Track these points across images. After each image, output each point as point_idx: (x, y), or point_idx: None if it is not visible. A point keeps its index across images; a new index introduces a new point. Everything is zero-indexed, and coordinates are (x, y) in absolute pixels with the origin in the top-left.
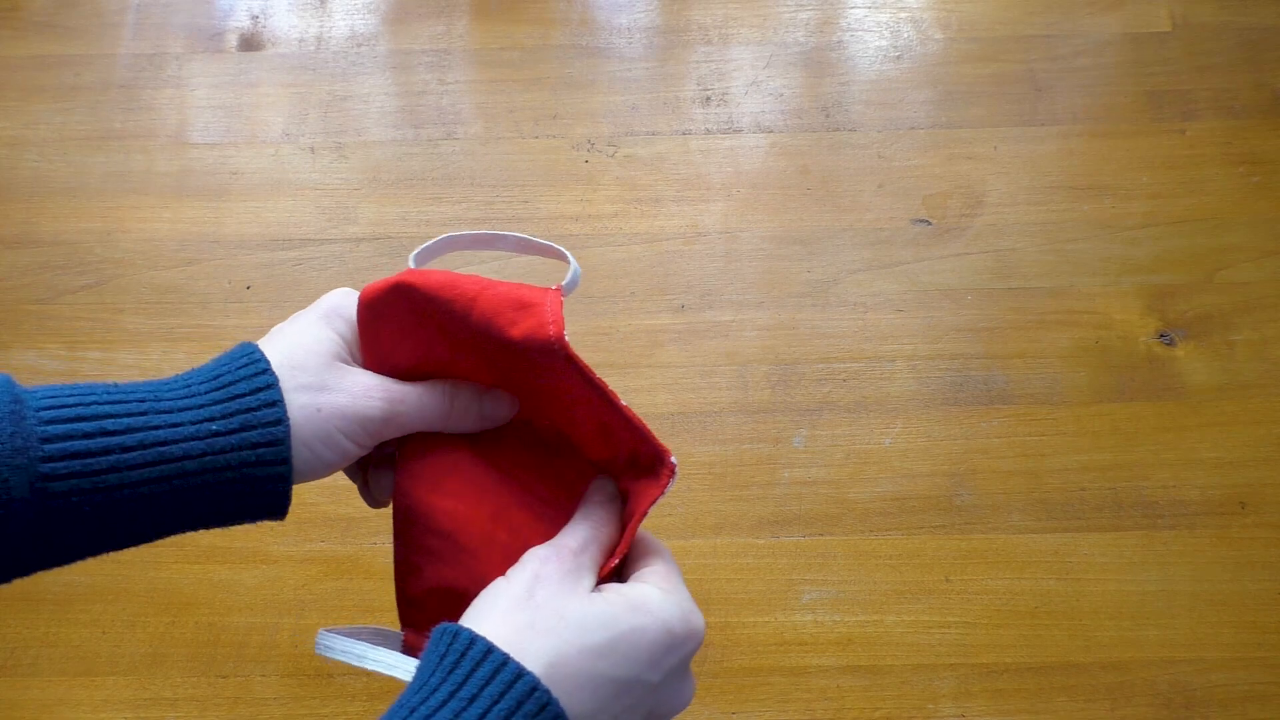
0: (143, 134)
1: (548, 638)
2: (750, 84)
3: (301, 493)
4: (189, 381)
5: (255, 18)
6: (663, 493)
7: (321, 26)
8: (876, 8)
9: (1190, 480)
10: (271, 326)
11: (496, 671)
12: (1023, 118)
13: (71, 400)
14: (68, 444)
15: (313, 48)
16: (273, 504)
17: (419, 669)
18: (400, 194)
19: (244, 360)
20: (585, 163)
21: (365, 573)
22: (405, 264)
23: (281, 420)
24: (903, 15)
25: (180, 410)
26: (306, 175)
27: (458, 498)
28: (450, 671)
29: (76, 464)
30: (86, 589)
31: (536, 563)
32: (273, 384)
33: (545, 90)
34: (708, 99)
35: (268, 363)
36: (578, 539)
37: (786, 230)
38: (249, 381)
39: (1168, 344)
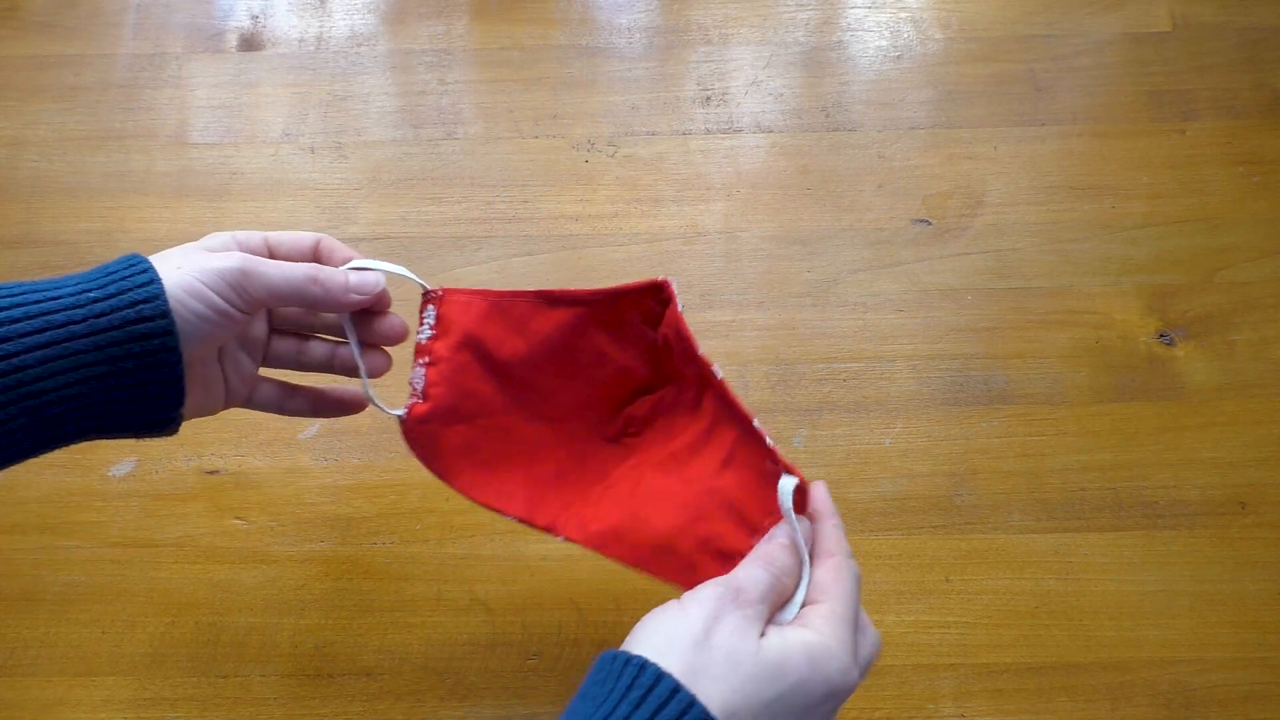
0: (143, 134)
1: (720, 684)
2: (750, 84)
3: (302, 493)
4: (70, 278)
5: (255, 18)
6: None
7: (321, 26)
8: (876, 8)
9: (1190, 480)
10: None
11: (684, 711)
12: (1023, 118)
13: None
14: None
15: (313, 48)
16: (165, 370)
17: (595, 690)
18: (400, 194)
19: (120, 257)
20: (585, 163)
21: (365, 573)
22: (405, 264)
23: (154, 281)
24: (903, 15)
25: (60, 288)
26: (306, 175)
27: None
28: (638, 705)
29: None
30: (86, 589)
31: (714, 603)
32: (143, 260)
33: (545, 90)
34: (708, 99)
35: (137, 254)
36: (759, 588)
37: (786, 230)
38: (121, 261)
39: (1168, 344)
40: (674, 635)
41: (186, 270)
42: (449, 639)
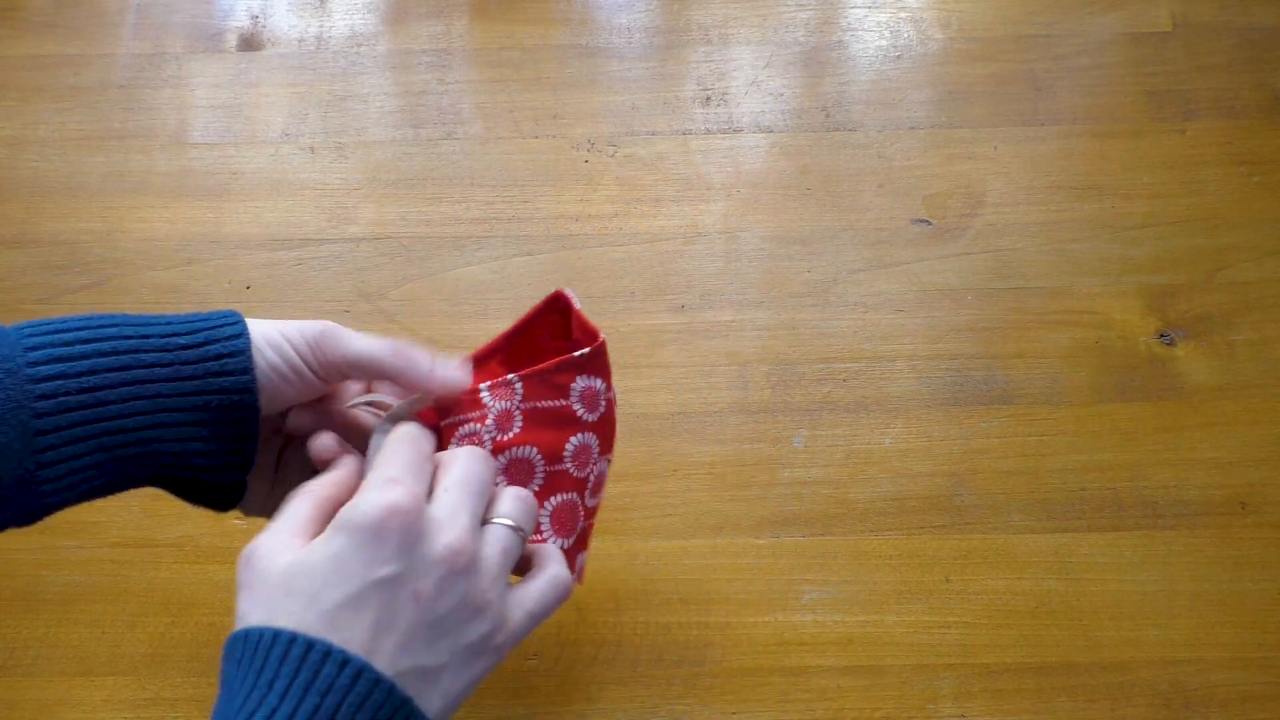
0: (143, 134)
1: (284, 601)
2: (750, 84)
3: None
4: (161, 318)
5: (255, 18)
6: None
7: (321, 26)
8: (876, 8)
9: (1190, 480)
10: None
11: (286, 651)
12: (1023, 118)
13: (52, 325)
14: (51, 350)
15: (313, 48)
16: (240, 425)
17: (230, 685)
18: (400, 194)
19: (216, 311)
20: (585, 163)
21: None
22: (405, 264)
23: (243, 334)
24: (903, 15)
25: (150, 324)
26: (306, 175)
27: None
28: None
29: (60, 366)
30: (86, 589)
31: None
32: (236, 314)
33: (545, 90)
34: (708, 99)
35: (235, 311)
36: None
37: (786, 230)
38: (216, 313)
39: (1168, 344)
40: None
41: (272, 323)
42: None
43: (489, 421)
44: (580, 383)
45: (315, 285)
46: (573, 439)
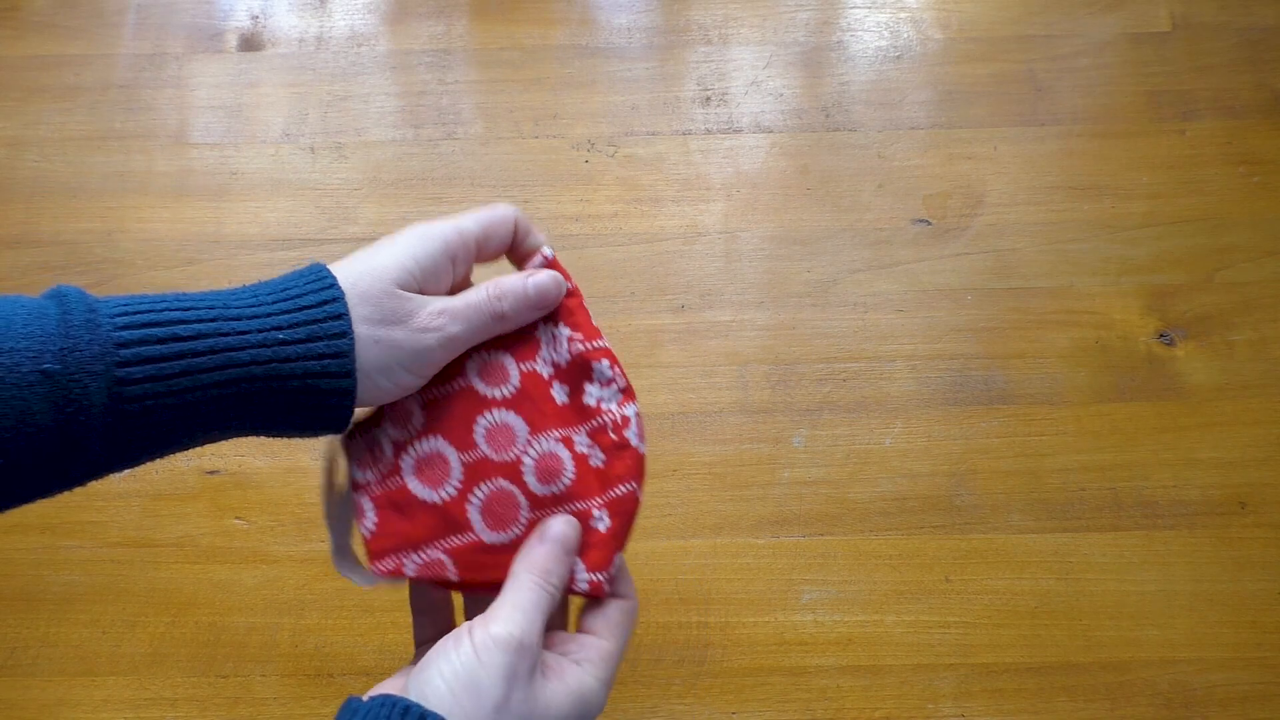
0: (143, 134)
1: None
2: (750, 84)
3: (302, 493)
4: (256, 293)
5: (255, 18)
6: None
7: (321, 26)
8: (876, 8)
9: (1190, 480)
10: None
11: None
12: (1023, 118)
13: (144, 308)
14: (142, 349)
15: (313, 48)
16: (334, 418)
17: None
18: (400, 194)
19: (312, 277)
20: (585, 163)
21: None
22: None
23: (346, 334)
24: (903, 15)
25: (249, 318)
26: (306, 175)
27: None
28: None
29: (150, 368)
30: (86, 589)
31: (509, 664)
32: (339, 298)
33: (545, 90)
34: (708, 99)
35: (334, 279)
36: (538, 628)
37: (786, 230)
38: (316, 295)
39: (1168, 344)
40: (476, 702)
41: (384, 348)
42: None
43: (384, 425)
44: (474, 361)
45: None
46: (480, 421)
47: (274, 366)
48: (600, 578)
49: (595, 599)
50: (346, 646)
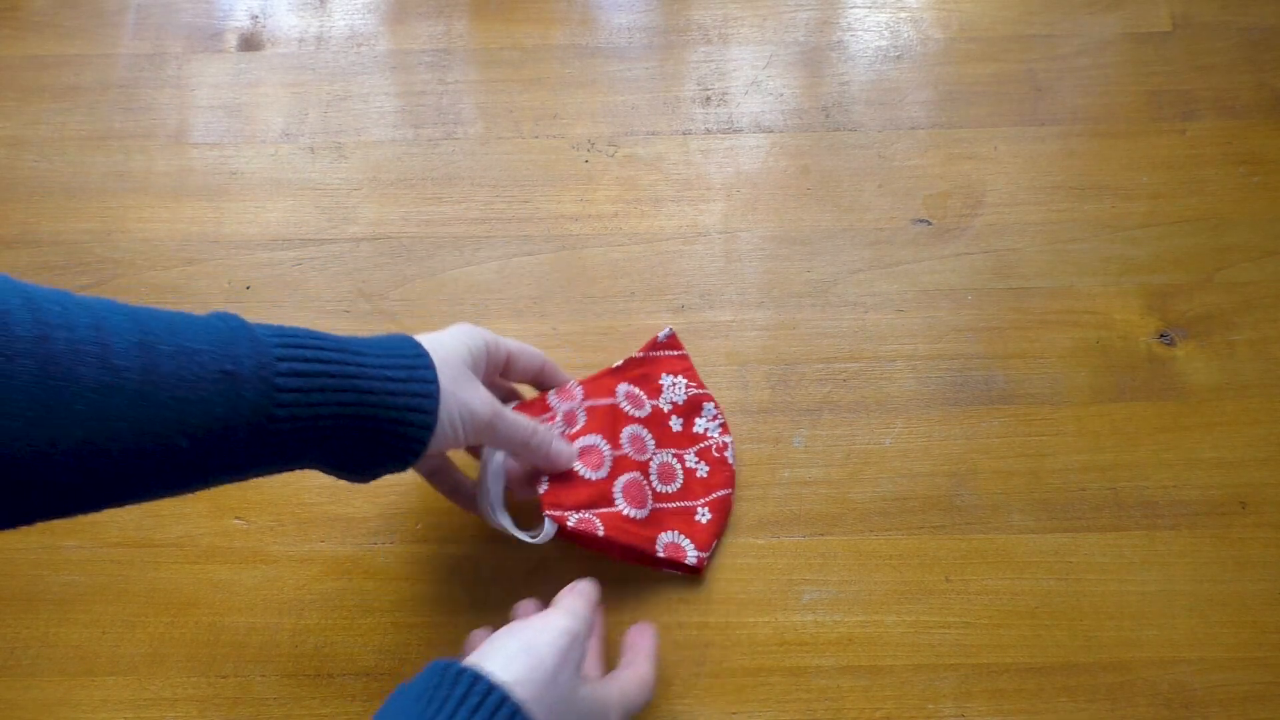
0: (143, 134)
1: (548, 715)
2: (750, 84)
3: (301, 493)
4: (367, 341)
5: (255, 18)
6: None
7: (321, 26)
8: (876, 8)
9: (1190, 480)
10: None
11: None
12: (1023, 118)
13: (289, 332)
14: (295, 364)
15: (313, 48)
16: (411, 451)
17: (433, 695)
18: (400, 194)
19: (406, 339)
20: (585, 163)
21: (365, 573)
22: (405, 264)
23: (435, 381)
24: (903, 15)
25: (370, 356)
26: (306, 175)
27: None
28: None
29: (299, 381)
30: (86, 589)
31: (565, 644)
32: (428, 356)
33: (545, 90)
34: (708, 99)
35: (425, 349)
36: (583, 635)
37: (786, 230)
38: (414, 352)
39: (1168, 344)
40: (532, 667)
41: (453, 400)
42: (449, 639)
43: (558, 419)
44: (622, 388)
45: (315, 285)
46: (625, 429)
47: (383, 398)
48: (704, 555)
49: (695, 574)
50: (346, 646)
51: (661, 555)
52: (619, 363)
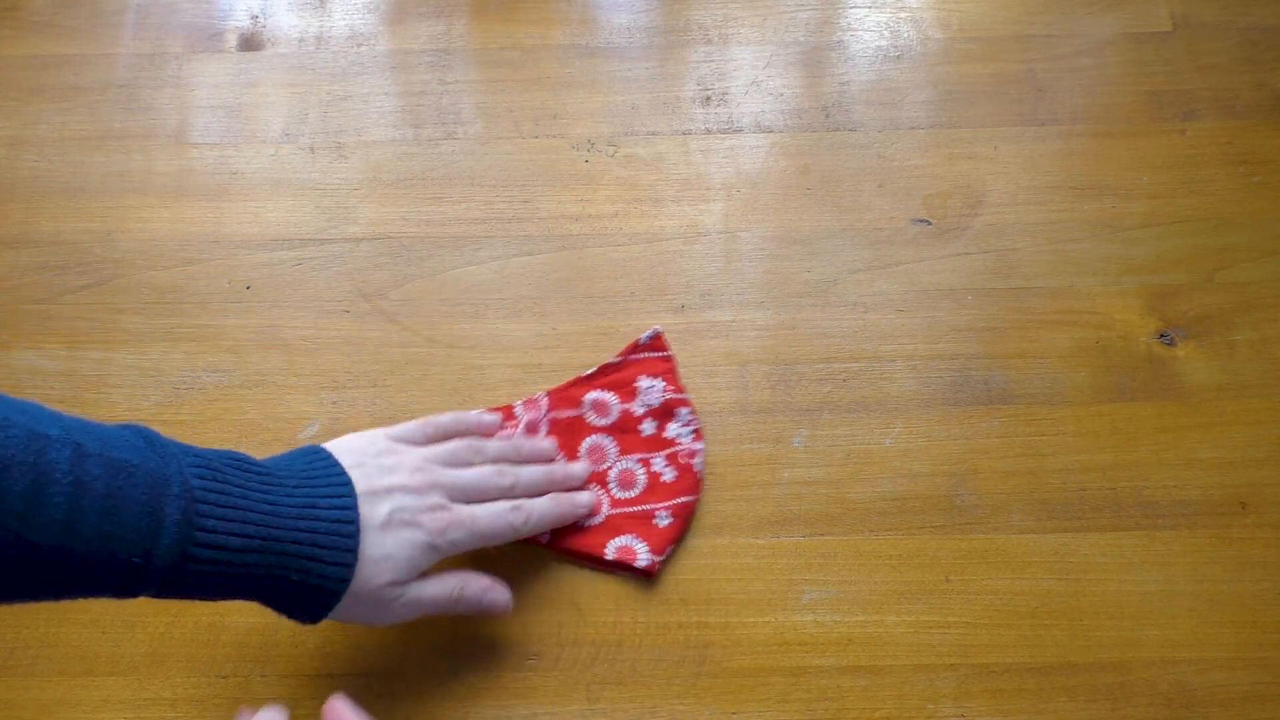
0: (143, 134)
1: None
2: (750, 84)
3: None
4: (291, 500)
5: (255, 18)
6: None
7: (321, 26)
8: (876, 7)
9: (1190, 480)
10: (271, 326)
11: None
12: (1023, 118)
13: (214, 465)
14: (213, 520)
15: (313, 48)
16: (318, 609)
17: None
18: (400, 194)
19: (343, 495)
20: (585, 163)
21: None
22: (405, 264)
23: (351, 564)
24: (903, 15)
25: (280, 516)
26: (306, 175)
27: None
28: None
29: (216, 523)
30: None
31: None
32: (355, 534)
33: (545, 90)
34: (708, 99)
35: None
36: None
37: (786, 230)
38: (342, 513)
39: (1168, 344)
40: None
41: (380, 580)
42: (449, 639)
43: (520, 428)
44: (590, 396)
45: (315, 285)
46: (586, 441)
47: (292, 561)
48: (658, 559)
49: (647, 576)
50: (346, 646)
51: (611, 558)
52: (591, 370)
